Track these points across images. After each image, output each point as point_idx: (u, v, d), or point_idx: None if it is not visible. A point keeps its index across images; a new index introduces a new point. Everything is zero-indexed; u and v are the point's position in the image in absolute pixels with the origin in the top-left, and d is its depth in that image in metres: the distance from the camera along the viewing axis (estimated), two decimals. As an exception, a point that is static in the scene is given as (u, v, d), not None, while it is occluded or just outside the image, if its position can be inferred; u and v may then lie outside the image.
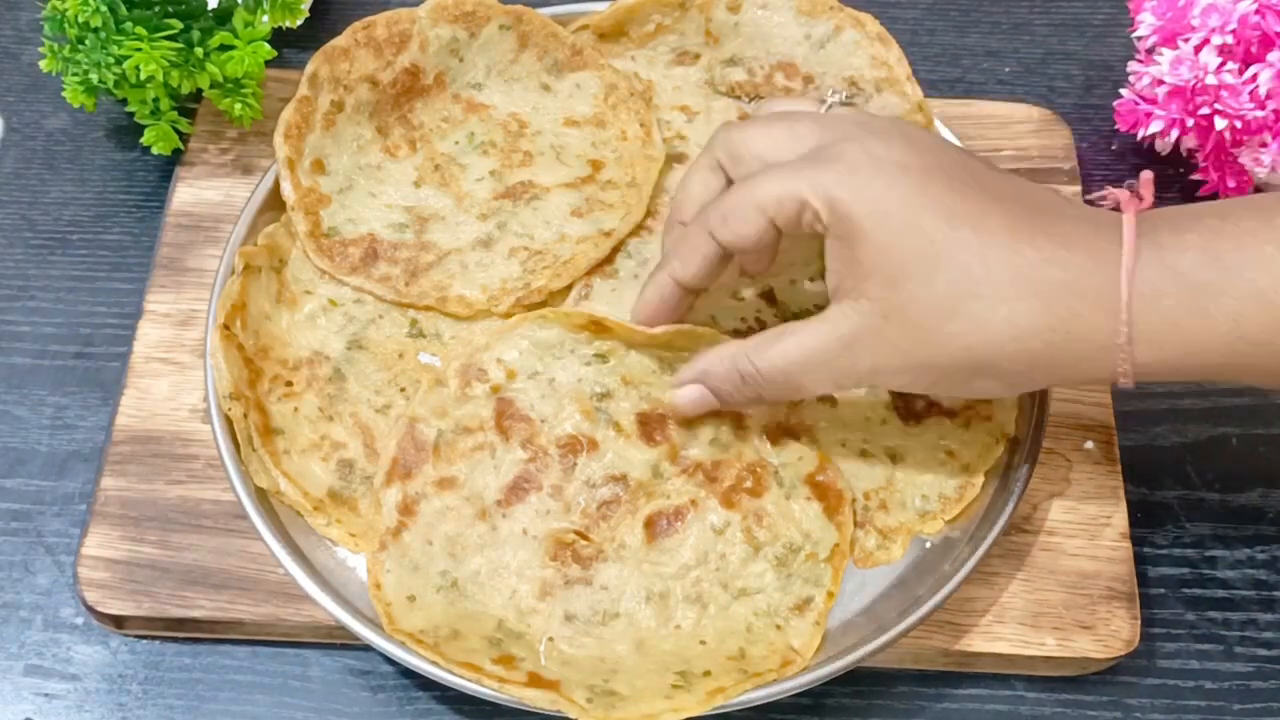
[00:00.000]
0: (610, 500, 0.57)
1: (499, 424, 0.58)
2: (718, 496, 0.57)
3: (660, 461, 0.58)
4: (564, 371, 0.59)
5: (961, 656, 0.58)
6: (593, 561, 0.56)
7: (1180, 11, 0.69)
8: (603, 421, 0.58)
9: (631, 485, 0.57)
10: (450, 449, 0.57)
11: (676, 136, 0.70)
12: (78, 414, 0.65)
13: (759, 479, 0.58)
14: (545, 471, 0.57)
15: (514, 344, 0.59)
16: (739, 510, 0.57)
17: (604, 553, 0.56)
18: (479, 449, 0.58)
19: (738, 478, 0.58)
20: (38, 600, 0.60)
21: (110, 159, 0.75)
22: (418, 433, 0.58)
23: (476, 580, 0.55)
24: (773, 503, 0.57)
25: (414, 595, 0.54)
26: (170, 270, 0.68)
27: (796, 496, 0.58)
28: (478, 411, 0.58)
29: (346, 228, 0.65)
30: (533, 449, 0.58)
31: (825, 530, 0.57)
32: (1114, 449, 0.63)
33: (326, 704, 0.58)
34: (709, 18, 0.71)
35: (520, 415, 0.58)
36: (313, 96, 0.66)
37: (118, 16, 0.66)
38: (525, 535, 0.56)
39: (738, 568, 0.56)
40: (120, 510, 0.60)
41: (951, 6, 0.84)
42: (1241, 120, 0.68)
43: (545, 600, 0.55)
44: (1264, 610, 0.61)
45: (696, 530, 0.57)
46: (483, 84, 0.70)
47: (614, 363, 0.59)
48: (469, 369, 0.59)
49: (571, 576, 0.56)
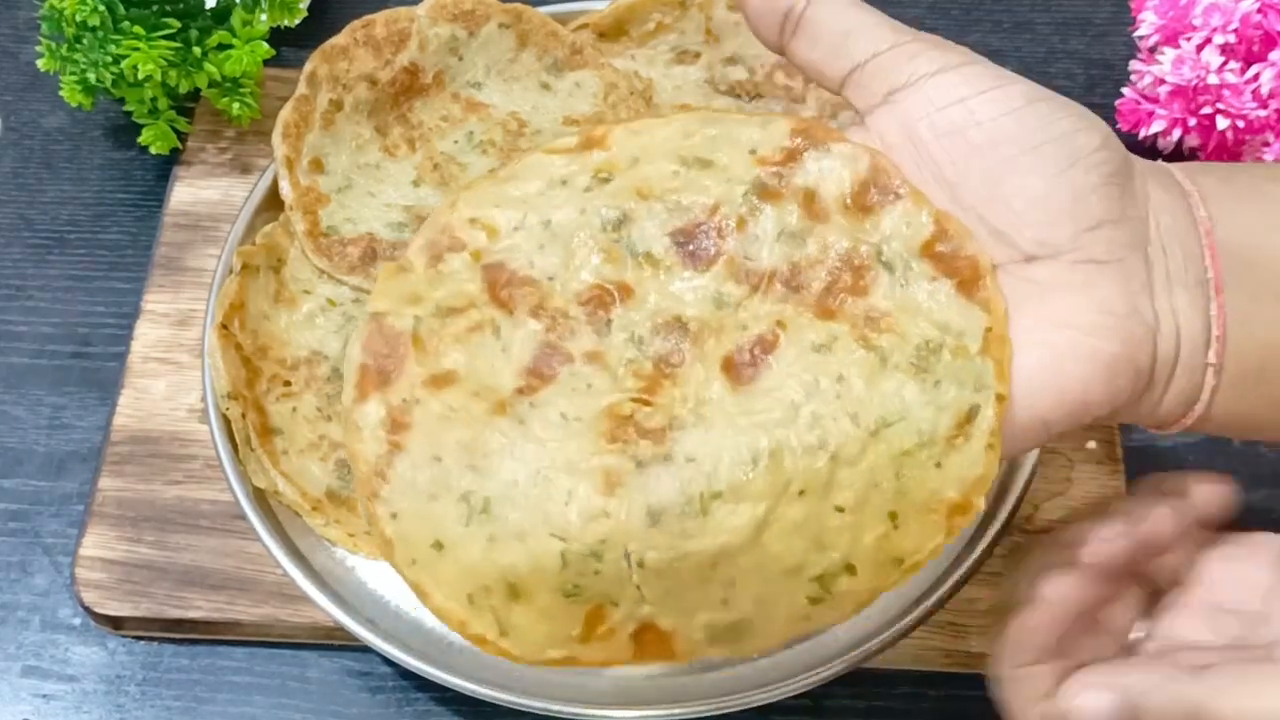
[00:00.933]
0: (669, 353, 0.42)
1: (494, 296, 0.43)
2: (811, 308, 0.42)
3: (721, 285, 0.42)
4: (560, 209, 0.43)
5: (962, 657, 0.58)
6: (667, 431, 0.40)
7: (1182, 11, 0.69)
8: (629, 256, 0.43)
9: (691, 329, 0.42)
10: (435, 338, 0.42)
11: (676, 135, 0.70)
12: (75, 414, 0.65)
13: (860, 269, 0.42)
14: (572, 338, 0.42)
15: (489, 196, 0.44)
16: (844, 318, 0.41)
17: (678, 417, 0.41)
18: (475, 330, 0.42)
19: (830, 276, 0.42)
20: (35, 601, 0.60)
21: (108, 158, 0.75)
22: (387, 327, 0.42)
23: (513, 496, 0.40)
24: (887, 295, 0.41)
25: (438, 540, 0.40)
26: (168, 270, 0.67)
27: (915, 279, 0.41)
28: (461, 288, 0.43)
29: (345, 227, 0.65)
30: (548, 315, 0.42)
31: (968, 314, 0.41)
32: (1116, 449, 0.63)
33: (325, 705, 0.58)
34: (709, 16, 0.71)
35: (520, 279, 0.43)
36: (311, 95, 0.66)
37: (115, 15, 0.66)
38: (566, 420, 0.41)
39: (864, 390, 0.40)
40: (118, 510, 0.60)
41: (953, 5, 0.84)
42: (1244, 120, 0.68)
43: (616, 495, 0.40)
44: (1266, 611, 0.61)
45: (795, 356, 0.41)
46: (482, 83, 0.70)
47: (620, 179, 0.43)
48: (436, 243, 0.43)
49: (643, 456, 0.40)
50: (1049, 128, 0.40)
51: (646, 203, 0.43)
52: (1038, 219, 0.40)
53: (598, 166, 0.43)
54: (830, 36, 0.43)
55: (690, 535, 0.39)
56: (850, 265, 0.42)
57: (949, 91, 0.41)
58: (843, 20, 0.43)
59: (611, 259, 0.43)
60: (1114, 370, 0.40)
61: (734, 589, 0.40)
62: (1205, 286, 0.41)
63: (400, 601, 0.57)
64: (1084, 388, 0.40)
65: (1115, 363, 0.40)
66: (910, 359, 0.41)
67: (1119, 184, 0.40)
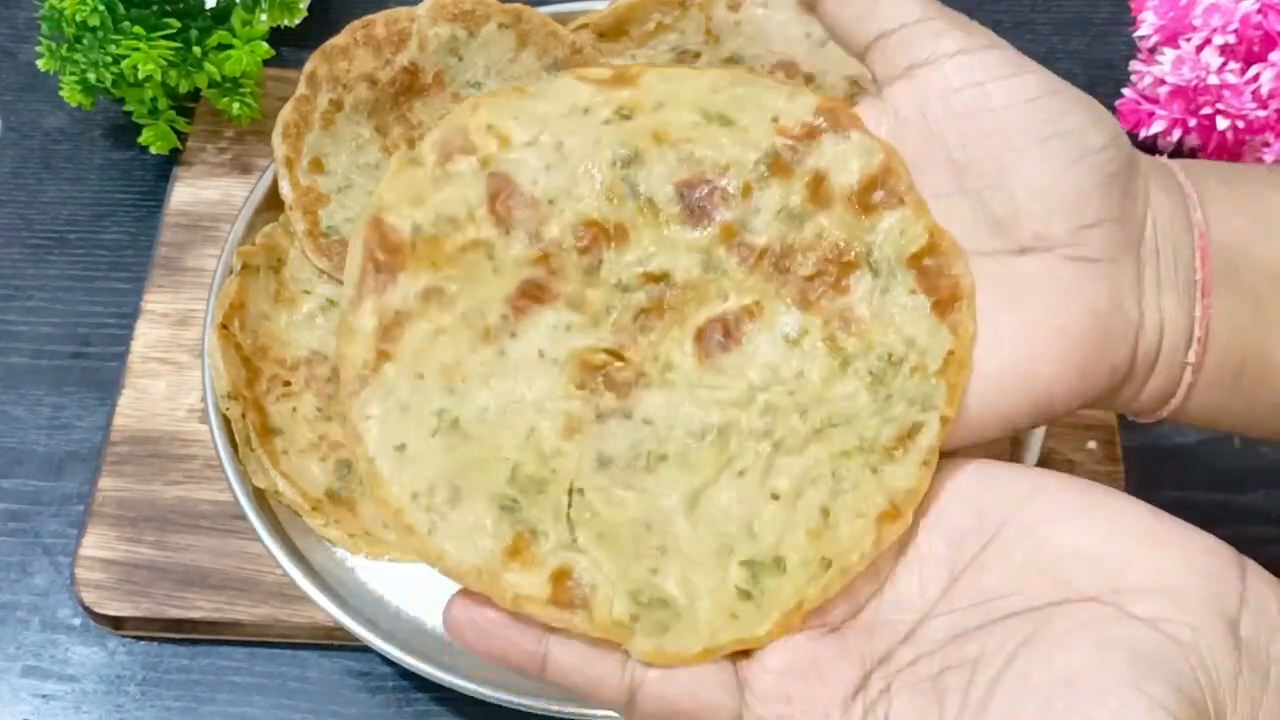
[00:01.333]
0: (649, 307, 0.43)
1: (493, 207, 0.43)
2: (791, 294, 0.43)
3: (713, 248, 0.43)
4: (575, 135, 0.44)
5: (963, 658, 0.58)
6: (631, 388, 0.43)
7: (1182, 11, 0.69)
8: (631, 196, 0.43)
9: (676, 285, 0.43)
10: (433, 249, 0.43)
11: (676, 136, 0.70)
12: (75, 414, 0.65)
13: (846, 266, 0.43)
14: (561, 274, 0.43)
15: (510, 107, 0.44)
16: (819, 312, 0.43)
17: (645, 375, 0.43)
18: (471, 248, 0.43)
19: (817, 266, 0.43)
20: (35, 601, 0.60)
21: (108, 158, 0.75)
22: (387, 229, 0.43)
23: (484, 419, 0.42)
24: (864, 298, 0.43)
25: (403, 444, 0.41)
26: (168, 270, 0.67)
27: (896, 288, 0.43)
28: (463, 193, 0.43)
29: (345, 227, 0.65)
30: (542, 243, 0.43)
31: (935, 334, 0.42)
32: (1116, 449, 0.63)
33: (325, 705, 0.58)
34: (709, 16, 0.71)
35: (523, 195, 0.43)
36: (311, 95, 0.66)
37: (115, 15, 0.66)
38: (542, 358, 0.43)
39: (819, 389, 0.42)
40: (118, 511, 0.60)
41: (953, 4, 0.83)
42: (1244, 120, 0.68)
43: (573, 440, 0.42)
44: (1266, 611, 0.61)
45: (765, 340, 0.43)
46: (482, 83, 0.70)
47: (640, 119, 0.44)
48: (449, 141, 0.44)
49: (605, 408, 0.42)
50: (1060, 121, 0.40)
51: (660, 147, 0.43)
52: (1037, 210, 0.40)
53: (622, 103, 0.44)
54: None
55: (631, 486, 0.41)
56: (839, 259, 0.43)
57: (967, 74, 0.41)
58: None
59: (614, 195, 0.43)
60: (1086, 371, 0.40)
61: (664, 558, 0.41)
62: (1193, 288, 0.41)
63: (400, 602, 0.57)
64: (1050, 387, 0.40)
65: (1088, 363, 0.40)
66: (870, 368, 0.42)
67: (1121, 183, 0.41)
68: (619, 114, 0.44)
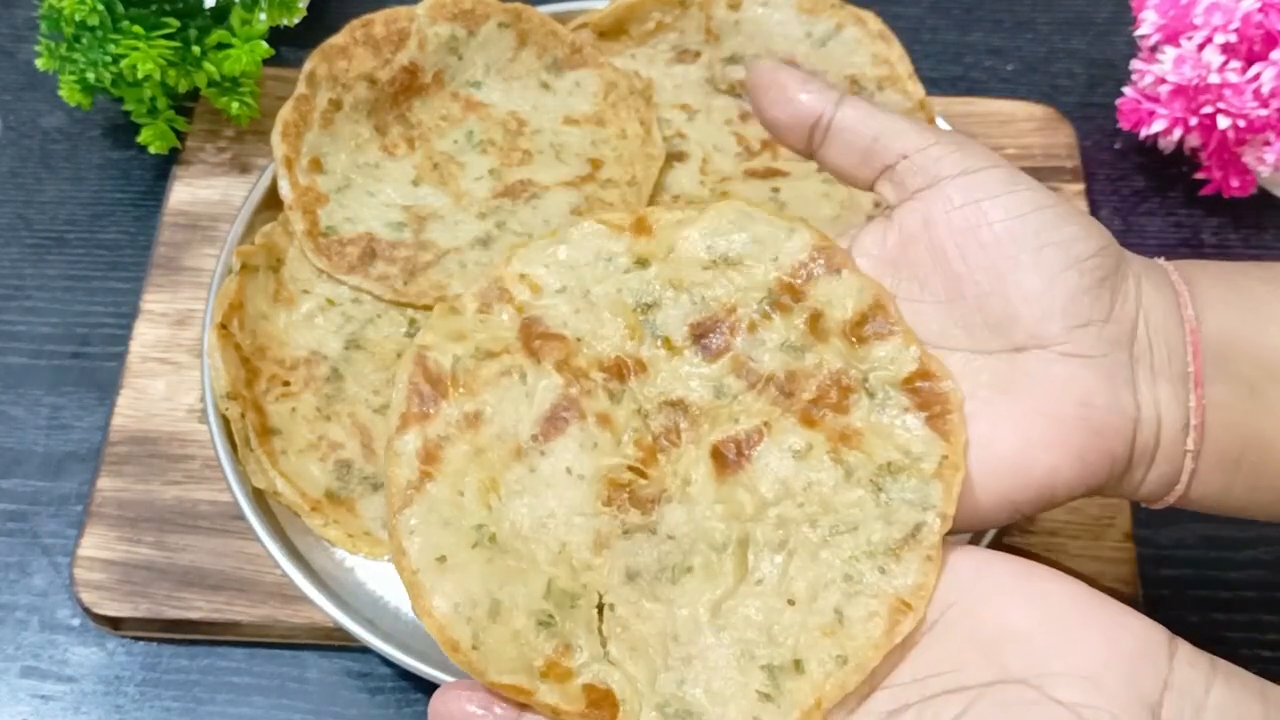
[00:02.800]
0: (668, 429, 0.48)
1: (526, 344, 0.48)
2: (796, 415, 0.47)
3: (723, 378, 0.48)
4: (600, 283, 0.49)
5: (963, 658, 0.58)
6: (654, 504, 0.46)
7: (1183, 10, 0.69)
8: (650, 336, 0.48)
9: (692, 411, 0.48)
10: (471, 378, 0.47)
11: (676, 135, 0.70)
12: (74, 414, 0.65)
13: (845, 390, 0.47)
14: (587, 398, 0.48)
15: (541, 257, 0.50)
16: (822, 430, 0.47)
17: (667, 492, 0.47)
18: (505, 374, 0.48)
19: (819, 390, 0.47)
20: (34, 601, 0.60)
21: (107, 158, 0.75)
22: (430, 364, 0.47)
23: (518, 533, 0.46)
24: (863, 417, 0.47)
25: (444, 555, 0.45)
26: (167, 269, 0.67)
27: (892, 407, 0.47)
28: (500, 333, 0.48)
29: (344, 227, 0.65)
30: (570, 372, 0.48)
31: (930, 443, 0.46)
32: (1117, 449, 0.63)
33: (324, 706, 0.57)
34: (709, 15, 0.71)
35: (551, 334, 0.48)
36: (311, 95, 0.66)
37: (114, 14, 0.66)
38: (570, 475, 0.47)
39: (828, 498, 0.46)
40: (117, 511, 0.60)
41: (954, 4, 0.84)
42: (1245, 119, 0.68)
43: (602, 555, 0.46)
44: (1268, 612, 0.61)
45: (775, 458, 0.47)
46: (481, 82, 0.70)
47: (657, 268, 0.49)
48: (489, 291, 0.49)
49: (631, 524, 0.46)
50: (1051, 233, 0.43)
51: (676, 293, 0.49)
52: (1033, 313, 0.43)
53: (639, 253, 0.49)
54: (860, 141, 0.47)
55: (658, 598, 0.45)
56: (838, 384, 0.47)
57: (967, 194, 0.44)
58: (869, 125, 0.47)
59: (635, 335, 0.48)
60: (1085, 459, 0.43)
61: (689, 668, 0.44)
62: (1187, 380, 0.44)
63: (399, 602, 0.56)
64: (1051, 475, 0.43)
65: (1086, 452, 0.43)
66: (871, 476, 0.46)
67: (1111, 286, 0.44)
68: (638, 263, 0.49)
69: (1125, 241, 0.46)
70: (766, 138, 0.70)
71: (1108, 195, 0.74)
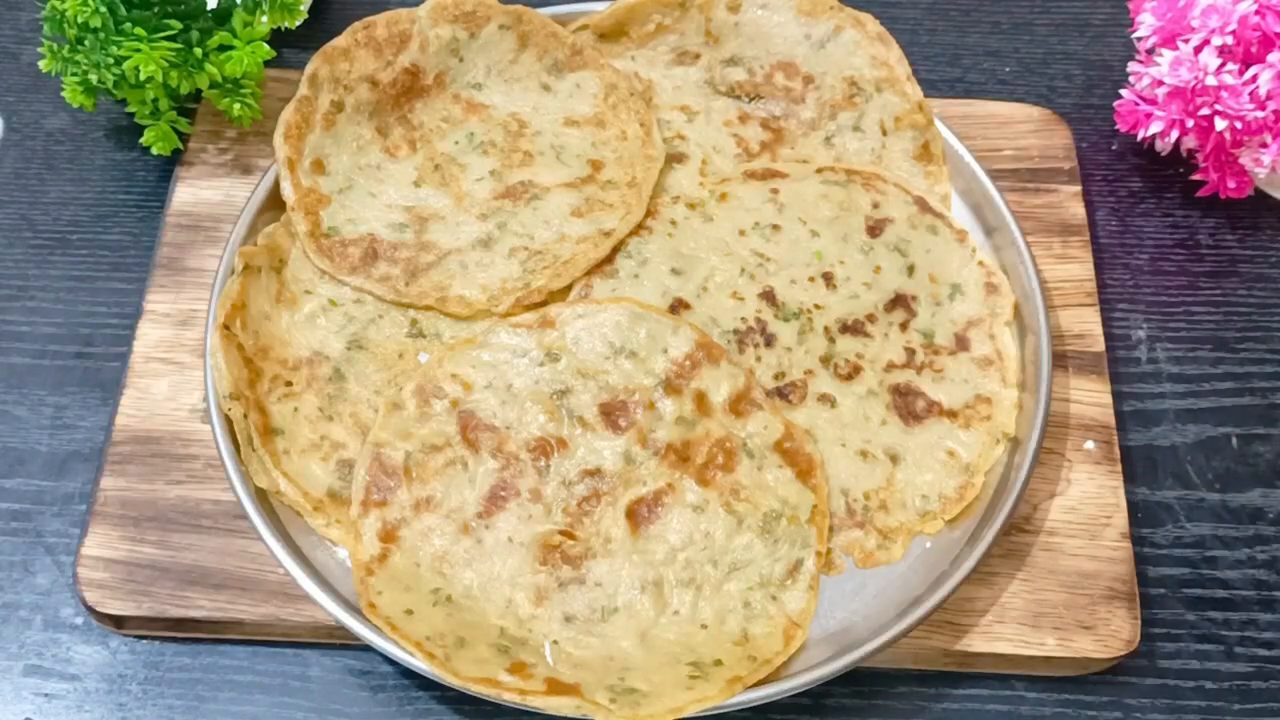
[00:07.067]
0: (589, 495, 0.58)
1: (465, 437, 0.58)
2: (692, 475, 0.58)
3: (630, 447, 0.58)
4: (519, 377, 0.60)
5: (962, 656, 0.58)
6: (582, 560, 0.56)
7: (1180, 12, 0.69)
8: (566, 418, 0.59)
9: (607, 477, 0.58)
10: (421, 469, 0.58)
11: (676, 136, 0.70)
12: (77, 414, 0.65)
13: (730, 453, 0.58)
14: (520, 477, 0.58)
15: (468, 359, 0.60)
16: (715, 487, 0.58)
17: (592, 549, 0.57)
18: (450, 465, 0.58)
19: (709, 454, 0.58)
20: (37, 600, 0.60)
21: (110, 159, 0.75)
22: (385, 458, 0.58)
23: (470, 594, 0.55)
24: (746, 475, 0.58)
25: (411, 609, 0.54)
26: (170, 270, 0.68)
27: (768, 465, 0.58)
28: (442, 428, 0.59)
29: (346, 228, 0.65)
30: (504, 456, 0.58)
31: (801, 495, 0.58)
32: (1114, 449, 0.63)
33: (326, 704, 0.58)
34: (709, 18, 0.71)
35: (485, 425, 0.59)
36: (313, 96, 0.66)
37: (117, 17, 0.66)
38: (511, 543, 0.57)
39: (724, 542, 0.57)
40: (120, 510, 0.60)
41: (952, 6, 0.84)
42: (1241, 121, 0.68)
43: (542, 605, 0.55)
44: (1264, 610, 0.61)
45: (678, 513, 0.57)
46: (483, 84, 0.70)
47: (565, 360, 0.60)
48: (425, 389, 0.59)
49: (564, 578, 0.56)
50: None
51: (584, 379, 0.60)
52: None
53: (549, 346, 0.60)
54: None
55: (593, 634, 0.55)
56: (724, 449, 0.58)
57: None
58: None
59: (554, 418, 0.59)
60: None
61: (628, 673, 0.53)
62: None
63: (401, 601, 0.57)
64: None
65: None
66: (759, 522, 0.57)
67: None
68: (550, 355, 0.60)
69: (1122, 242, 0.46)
70: (765, 139, 0.71)
71: (1105, 196, 0.74)
